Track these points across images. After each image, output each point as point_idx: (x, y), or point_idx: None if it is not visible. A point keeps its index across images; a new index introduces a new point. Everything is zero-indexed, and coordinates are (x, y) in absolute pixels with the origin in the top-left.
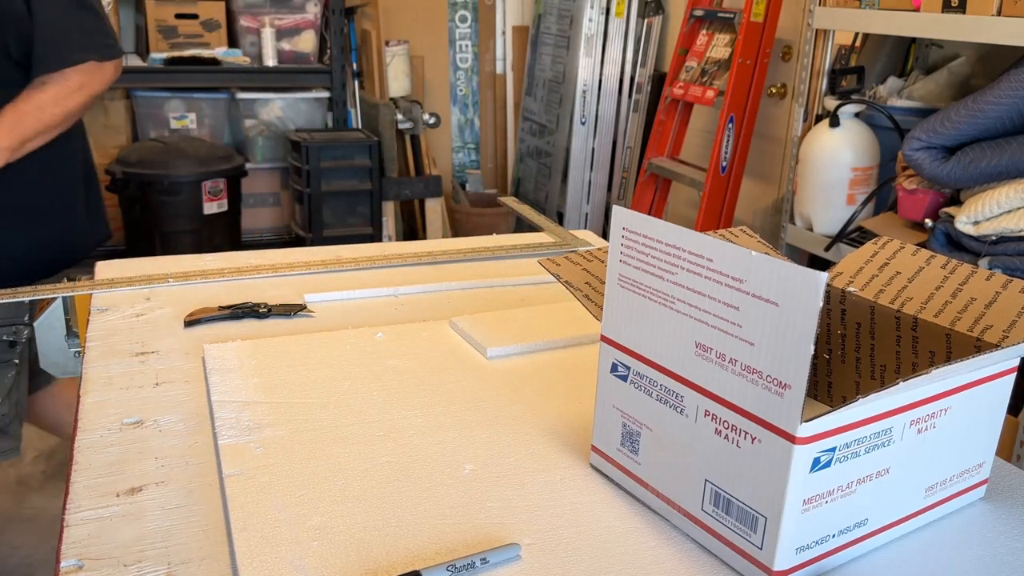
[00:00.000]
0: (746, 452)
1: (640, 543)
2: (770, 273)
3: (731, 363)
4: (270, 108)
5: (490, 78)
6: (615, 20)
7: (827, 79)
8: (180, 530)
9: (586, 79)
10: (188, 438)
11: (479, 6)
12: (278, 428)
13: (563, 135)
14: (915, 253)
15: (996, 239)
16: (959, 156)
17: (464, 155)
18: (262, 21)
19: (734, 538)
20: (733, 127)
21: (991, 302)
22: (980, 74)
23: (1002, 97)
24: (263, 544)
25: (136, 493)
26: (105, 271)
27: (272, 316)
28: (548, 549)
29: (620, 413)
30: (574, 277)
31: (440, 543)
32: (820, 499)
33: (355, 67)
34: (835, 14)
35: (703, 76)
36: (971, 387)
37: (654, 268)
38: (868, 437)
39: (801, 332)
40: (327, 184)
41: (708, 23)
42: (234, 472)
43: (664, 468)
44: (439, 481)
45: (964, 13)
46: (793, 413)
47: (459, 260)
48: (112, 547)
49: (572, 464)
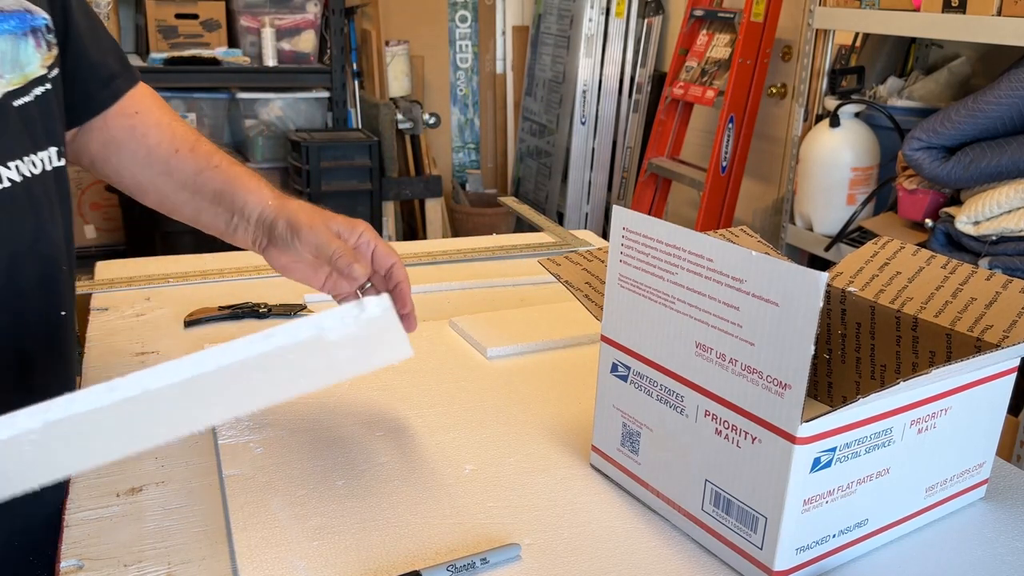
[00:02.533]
0: (746, 452)
1: (640, 543)
2: (770, 273)
3: (731, 363)
4: (270, 108)
5: (490, 78)
6: (615, 20)
7: (827, 79)
8: (180, 530)
9: (586, 79)
10: (188, 438)
11: (479, 6)
12: (278, 428)
13: (563, 135)
14: (915, 253)
15: (996, 239)
16: (959, 156)
17: (464, 155)
18: (262, 21)
19: (734, 538)
20: (733, 127)
21: (991, 302)
22: (980, 74)
23: (1002, 97)
24: (263, 544)
25: (136, 493)
26: (105, 271)
27: (272, 316)
28: (548, 549)
29: (620, 413)
30: (574, 277)
31: (440, 543)
32: (820, 499)
33: (355, 67)
34: (835, 14)
35: (703, 76)
36: (971, 387)
37: (654, 268)
38: (868, 437)
39: (801, 332)
40: (327, 184)
41: (708, 23)
42: (234, 472)
43: (664, 468)
44: (439, 481)
45: (964, 13)
46: (793, 413)
47: (459, 260)
48: (112, 547)
49: (572, 464)
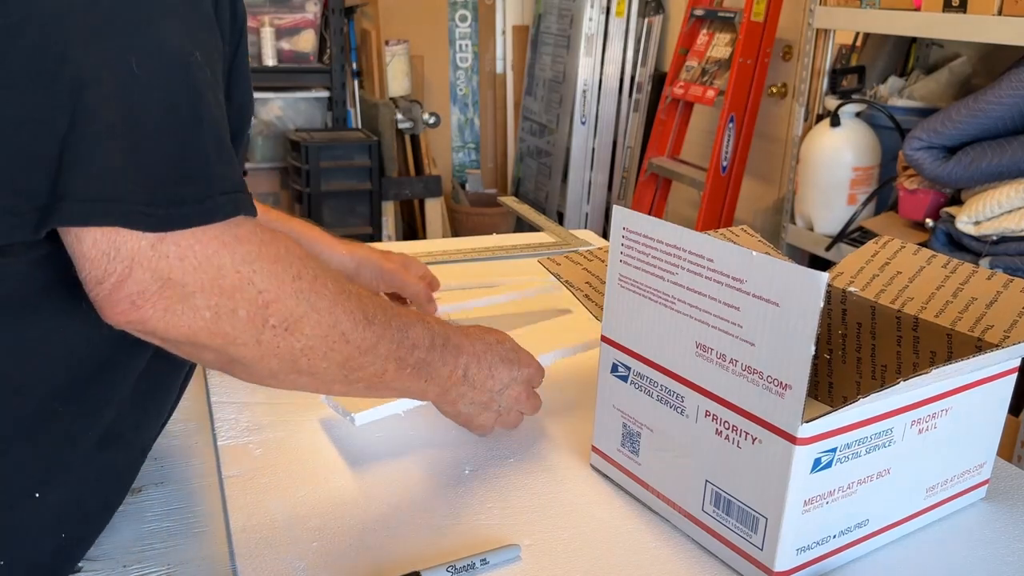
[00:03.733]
0: (747, 453)
1: (640, 544)
2: (771, 273)
3: (732, 363)
4: (269, 108)
5: (490, 78)
6: (615, 20)
7: (828, 79)
8: (180, 530)
9: (586, 79)
10: (188, 438)
11: (479, 6)
12: (278, 429)
13: (563, 135)
14: (916, 253)
15: (997, 239)
16: (960, 156)
17: (464, 155)
18: (261, 20)
19: (735, 539)
20: (733, 127)
21: (992, 302)
22: (981, 74)
23: (1003, 97)
24: (263, 544)
25: (136, 493)
26: None
27: None
28: (548, 550)
29: (620, 413)
30: (574, 277)
31: (440, 543)
32: (821, 500)
33: (355, 67)
34: (836, 14)
35: (703, 76)
36: (972, 387)
37: (654, 268)
38: (869, 437)
39: (802, 332)
40: (327, 184)
41: (708, 23)
42: (234, 473)
43: (664, 469)
44: (439, 481)
45: (965, 13)
46: (794, 413)
47: (459, 260)
48: (112, 547)
49: (572, 464)
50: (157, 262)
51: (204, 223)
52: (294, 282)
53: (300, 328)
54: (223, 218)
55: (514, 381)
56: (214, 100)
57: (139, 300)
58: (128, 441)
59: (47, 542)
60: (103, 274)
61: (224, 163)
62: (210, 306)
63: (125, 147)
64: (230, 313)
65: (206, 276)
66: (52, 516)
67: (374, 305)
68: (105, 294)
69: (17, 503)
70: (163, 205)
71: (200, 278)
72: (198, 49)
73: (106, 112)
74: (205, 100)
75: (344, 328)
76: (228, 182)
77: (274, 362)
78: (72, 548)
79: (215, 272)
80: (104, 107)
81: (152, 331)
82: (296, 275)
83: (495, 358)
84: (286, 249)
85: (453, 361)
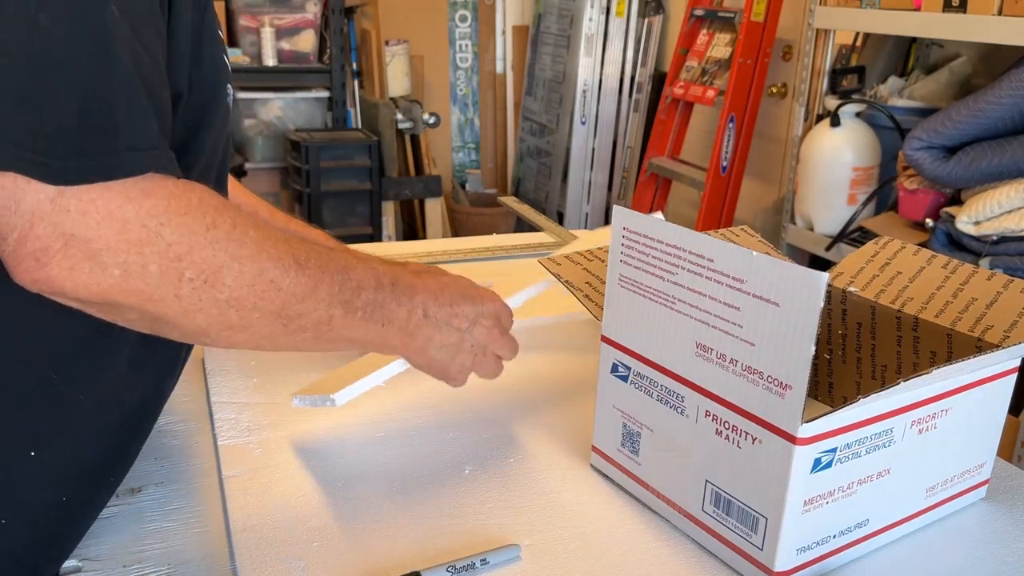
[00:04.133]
0: (747, 453)
1: (640, 544)
2: (771, 273)
3: (732, 363)
4: (269, 108)
5: (490, 78)
6: (615, 20)
7: (828, 79)
8: (180, 530)
9: (586, 79)
10: (188, 438)
11: (479, 6)
12: (278, 429)
13: (563, 135)
14: (916, 253)
15: (997, 239)
16: (960, 156)
17: (464, 155)
18: (262, 20)
19: (735, 539)
20: (733, 127)
21: (992, 302)
22: (981, 74)
23: (1003, 97)
24: (263, 544)
25: (136, 493)
26: None
27: None
28: (548, 550)
29: (620, 413)
30: (574, 277)
31: (440, 543)
32: (821, 500)
33: (355, 67)
34: (835, 14)
35: (703, 76)
36: (972, 387)
37: (655, 268)
38: (869, 438)
39: (802, 332)
40: (327, 184)
41: (708, 23)
42: (234, 473)
43: (664, 469)
44: (439, 481)
45: (965, 13)
46: (794, 413)
47: (459, 260)
48: (112, 547)
49: (572, 464)
50: (57, 216)
51: (106, 179)
52: (208, 232)
53: (220, 279)
54: (126, 175)
55: (481, 316)
56: (129, 52)
57: (43, 257)
58: (125, 401)
59: (46, 500)
60: (5, 228)
61: (138, 116)
62: (119, 263)
63: (19, 91)
64: (141, 269)
65: (110, 231)
66: (49, 475)
67: (306, 249)
68: (10, 251)
69: (12, 463)
70: (62, 156)
71: (104, 234)
72: (115, 3)
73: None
74: (116, 51)
75: (273, 275)
76: (140, 138)
77: (200, 318)
78: (73, 509)
79: (119, 227)
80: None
81: (61, 291)
82: (210, 224)
83: (454, 294)
84: (199, 199)
85: (408, 301)
